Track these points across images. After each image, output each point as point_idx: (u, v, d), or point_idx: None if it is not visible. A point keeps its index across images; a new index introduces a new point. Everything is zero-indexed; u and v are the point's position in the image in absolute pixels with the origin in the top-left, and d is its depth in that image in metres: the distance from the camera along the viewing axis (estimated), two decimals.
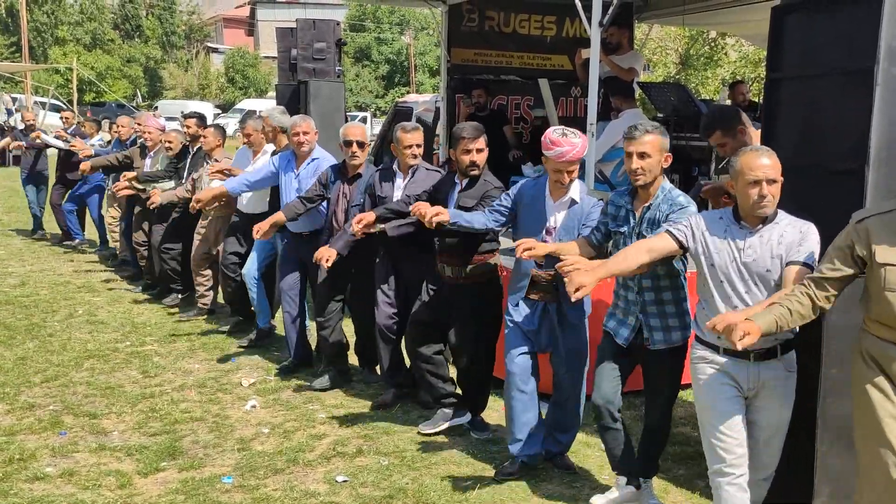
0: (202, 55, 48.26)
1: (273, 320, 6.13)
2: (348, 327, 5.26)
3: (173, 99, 40.17)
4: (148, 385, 5.20)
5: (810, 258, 2.79)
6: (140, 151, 7.66)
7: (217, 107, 37.50)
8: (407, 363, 4.76)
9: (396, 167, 4.61)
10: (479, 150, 4.03)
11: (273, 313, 6.12)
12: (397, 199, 4.45)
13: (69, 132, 10.13)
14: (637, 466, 3.52)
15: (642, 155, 3.21)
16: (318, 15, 9.35)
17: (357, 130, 4.92)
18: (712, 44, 17.68)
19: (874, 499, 2.66)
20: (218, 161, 6.34)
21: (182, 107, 34.45)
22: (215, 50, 50.49)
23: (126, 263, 8.62)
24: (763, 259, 2.83)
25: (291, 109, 8.32)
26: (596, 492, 3.73)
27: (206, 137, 6.55)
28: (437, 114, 8.53)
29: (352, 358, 5.36)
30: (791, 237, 2.82)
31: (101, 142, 9.54)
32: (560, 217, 3.65)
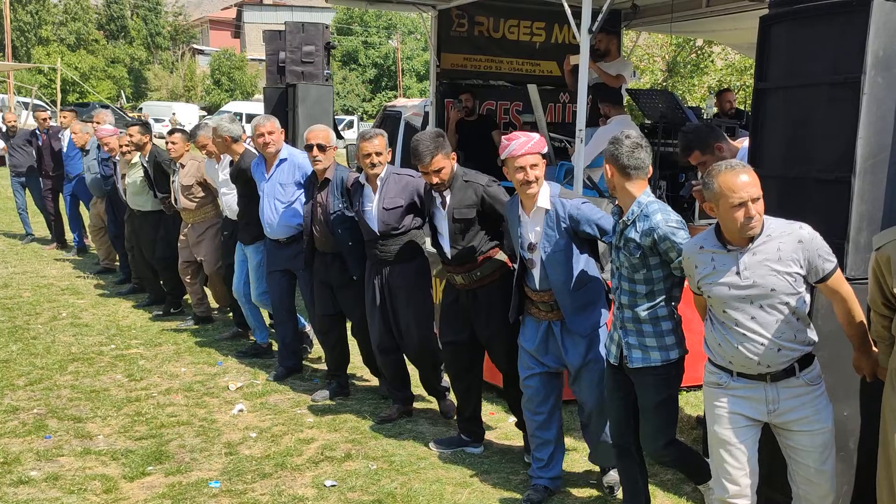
0: (188, 57, 48.04)
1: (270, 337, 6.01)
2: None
3: (158, 100, 39.95)
4: (133, 389, 5.16)
5: (829, 262, 2.65)
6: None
7: (203, 109, 37.33)
8: (412, 375, 4.72)
9: (364, 179, 4.39)
10: (437, 171, 3.87)
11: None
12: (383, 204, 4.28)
13: (39, 132, 9.82)
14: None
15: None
16: (305, 18, 9.33)
17: (316, 134, 4.68)
18: (699, 52, 17.83)
19: None
20: (184, 166, 6.23)
21: (167, 108, 34.32)
22: (201, 52, 50.30)
23: (108, 271, 8.51)
24: (763, 279, 2.64)
25: (279, 112, 8.31)
26: (583, 498, 3.74)
27: (175, 144, 6.28)
28: (426, 118, 8.53)
29: (362, 370, 5.31)
30: (789, 248, 2.63)
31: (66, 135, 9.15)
32: (539, 230, 3.51)
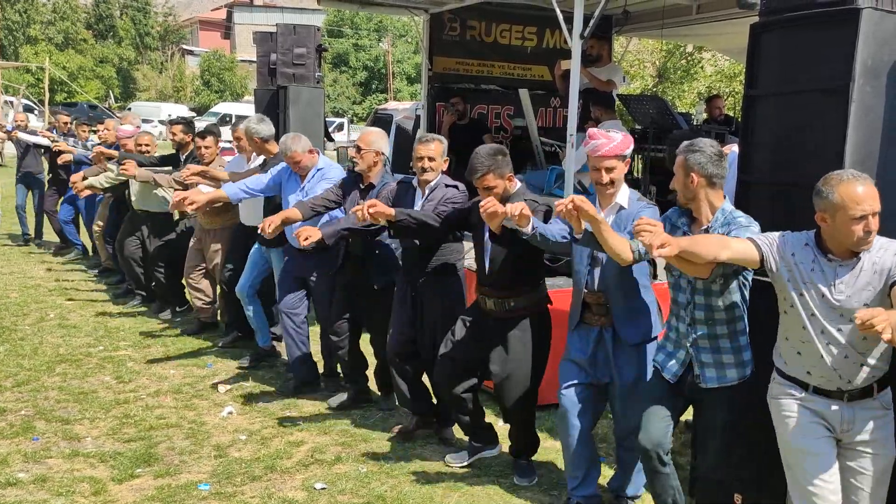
0: (177, 57, 47.83)
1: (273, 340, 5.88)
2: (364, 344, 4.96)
3: (147, 101, 39.76)
4: (122, 391, 5.14)
5: None
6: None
7: (192, 110, 37.18)
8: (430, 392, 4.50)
9: (416, 183, 4.24)
10: (487, 189, 3.69)
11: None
12: (423, 210, 4.06)
13: (59, 134, 9.68)
14: None
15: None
16: (296, 19, 9.33)
17: (360, 136, 4.62)
18: (689, 58, 17.94)
19: None
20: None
21: (156, 108, 34.16)
22: (191, 52, 50.08)
23: (109, 272, 8.38)
24: (859, 294, 2.55)
25: (270, 114, 8.28)
26: None
27: (209, 148, 6.06)
28: (418, 122, 8.55)
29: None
30: (887, 261, 2.53)
31: (93, 144, 9.14)
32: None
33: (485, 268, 3.81)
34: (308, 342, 5.19)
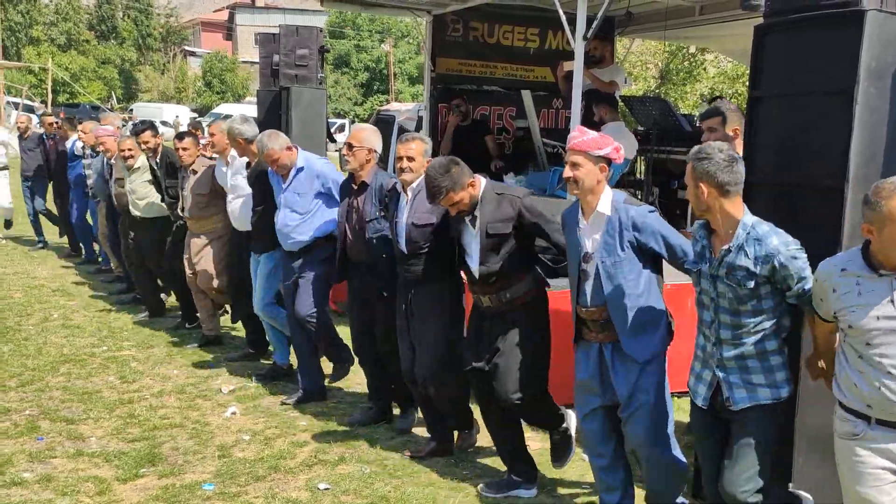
0: (179, 58, 47.89)
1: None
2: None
3: (149, 102, 39.80)
4: (126, 391, 5.15)
5: None
6: None
7: (193, 111, 37.22)
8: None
9: (400, 187, 4.06)
10: (453, 205, 3.61)
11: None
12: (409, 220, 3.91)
13: (48, 136, 9.56)
14: None
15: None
16: (298, 21, 9.34)
17: (352, 133, 4.43)
18: (691, 59, 17.95)
19: None
20: (196, 172, 5.82)
21: (158, 110, 34.19)
22: (192, 53, 50.16)
23: (120, 279, 8.15)
24: None
25: (272, 115, 8.30)
26: (577, 502, 3.75)
27: (188, 150, 5.87)
28: (420, 123, 8.56)
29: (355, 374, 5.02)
30: None
31: (78, 143, 9.05)
32: (597, 238, 3.19)
33: (473, 268, 3.68)
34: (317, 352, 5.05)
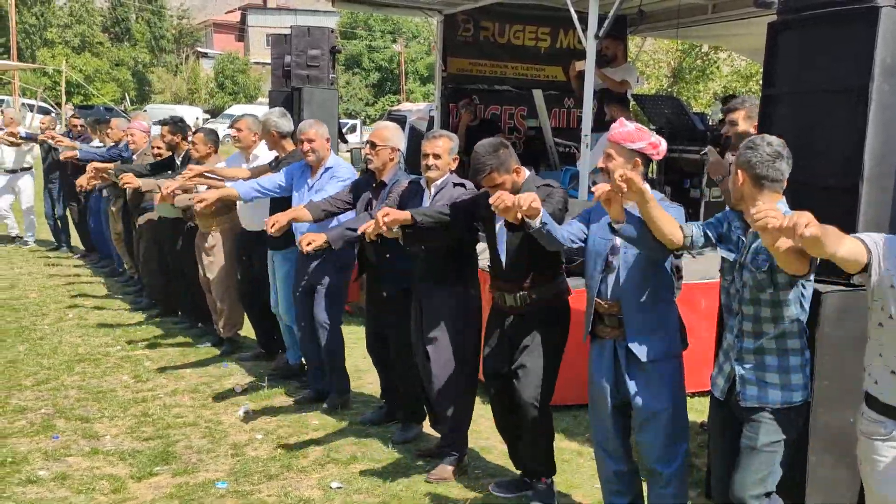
0: (191, 60, 48.15)
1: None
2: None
3: (162, 103, 40.03)
4: (140, 390, 5.18)
5: None
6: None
7: (206, 112, 37.42)
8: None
9: (424, 182, 3.97)
10: (493, 187, 3.39)
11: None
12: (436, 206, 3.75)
13: (72, 136, 9.52)
14: None
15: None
16: (310, 22, 9.36)
17: (374, 132, 4.34)
18: (704, 58, 17.87)
19: None
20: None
21: (171, 111, 34.41)
22: (205, 55, 50.39)
23: (133, 280, 8.06)
24: None
25: None
26: (587, 502, 3.74)
27: (195, 144, 5.73)
28: (431, 123, 8.56)
29: (368, 372, 5.06)
30: None
31: (101, 145, 9.00)
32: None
33: (500, 260, 3.54)
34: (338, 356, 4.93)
